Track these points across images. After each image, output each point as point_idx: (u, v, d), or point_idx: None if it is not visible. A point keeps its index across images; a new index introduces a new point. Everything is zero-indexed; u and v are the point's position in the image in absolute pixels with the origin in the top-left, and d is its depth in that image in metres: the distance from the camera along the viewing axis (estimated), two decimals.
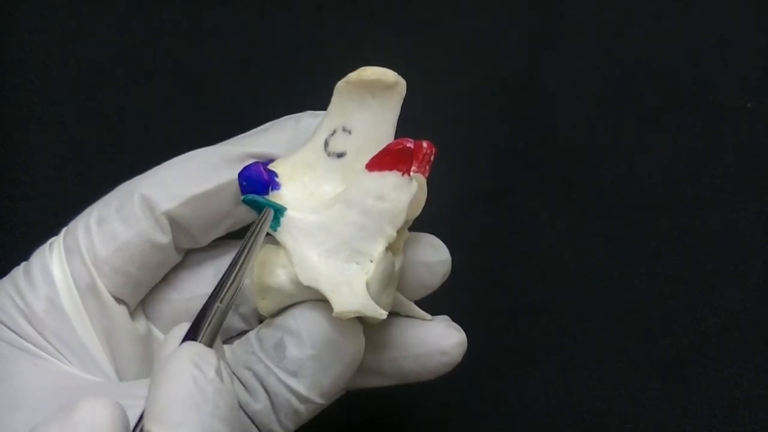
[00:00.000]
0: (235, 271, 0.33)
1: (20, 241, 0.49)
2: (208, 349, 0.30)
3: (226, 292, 0.32)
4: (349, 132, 0.36)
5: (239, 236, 0.38)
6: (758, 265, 0.50)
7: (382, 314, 0.33)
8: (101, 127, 0.53)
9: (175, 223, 0.36)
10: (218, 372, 0.30)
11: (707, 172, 0.53)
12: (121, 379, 0.36)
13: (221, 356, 0.32)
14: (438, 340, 0.36)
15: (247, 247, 0.33)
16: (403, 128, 0.36)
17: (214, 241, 0.38)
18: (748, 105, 0.54)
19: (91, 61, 0.55)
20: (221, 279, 0.33)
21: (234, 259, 0.33)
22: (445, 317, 0.38)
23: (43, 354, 0.34)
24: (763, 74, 0.55)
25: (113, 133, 0.53)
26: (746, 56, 0.56)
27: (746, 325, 0.48)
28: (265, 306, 0.34)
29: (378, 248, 0.34)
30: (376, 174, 0.34)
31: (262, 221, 0.34)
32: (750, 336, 0.48)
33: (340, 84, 0.35)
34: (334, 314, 0.32)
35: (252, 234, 0.34)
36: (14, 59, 0.54)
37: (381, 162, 0.34)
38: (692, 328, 0.48)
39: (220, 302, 0.32)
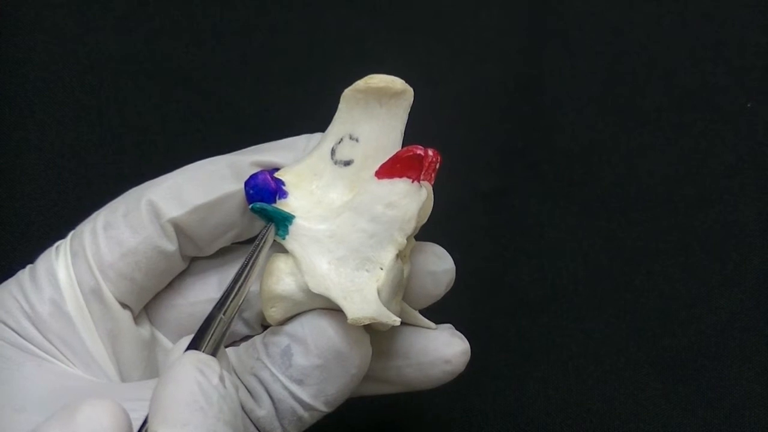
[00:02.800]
0: (239, 284, 0.33)
1: (20, 242, 0.49)
2: (211, 358, 0.30)
3: (230, 303, 0.32)
4: (356, 140, 0.35)
5: (245, 243, 0.38)
6: (758, 265, 0.50)
7: (396, 321, 0.33)
8: (101, 127, 0.53)
9: (180, 231, 0.36)
10: (222, 379, 0.30)
11: (707, 172, 0.53)
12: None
13: (225, 366, 0.32)
14: (441, 349, 0.36)
15: (252, 259, 0.33)
16: (405, 128, 0.36)
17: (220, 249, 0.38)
18: (748, 105, 0.54)
19: (91, 61, 0.55)
20: (225, 290, 0.33)
21: (238, 271, 0.33)
22: (449, 326, 0.38)
23: (47, 356, 0.34)
24: (763, 74, 0.55)
25: (113, 133, 0.53)
26: (746, 56, 0.56)
27: (746, 325, 0.48)
28: (274, 314, 0.34)
29: (388, 256, 0.34)
30: (385, 181, 0.34)
31: (265, 235, 0.34)
32: (750, 336, 0.48)
33: (347, 92, 0.35)
34: (349, 321, 0.32)
35: (257, 247, 0.34)
36: (14, 59, 0.54)
37: (390, 169, 0.34)
38: (692, 328, 0.48)
39: (224, 314, 0.32)
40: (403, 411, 0.46)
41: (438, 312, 0.38)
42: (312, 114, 0.37)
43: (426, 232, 0.37)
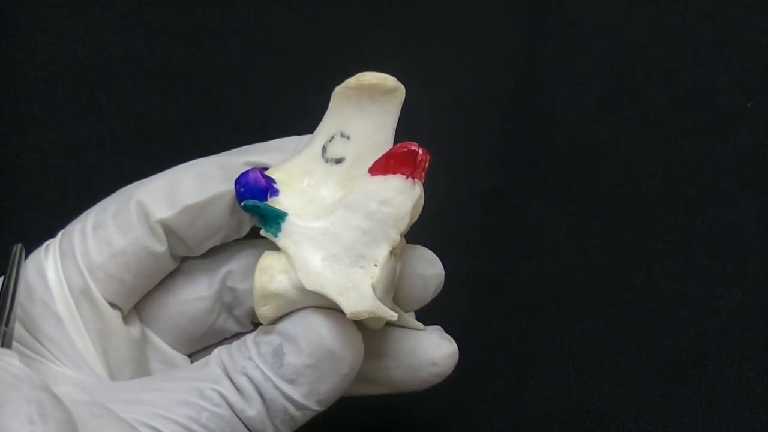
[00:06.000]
0: (10, 298, 0.33)
1: (20, 242, 0.49)
2: (5, 349, 0.31)
3: (10, 315, 0.32)
4: (348, 138, 0.35)
5: (236, 242, 0.38)
6: (758, 265, 0.50)
7: (393, 315, 0.33)
8: (101, 127, 0.53)
9: (170, 231, 0.35)
10: (23, 361, 0.30)
11: (707, 172, 0.53)
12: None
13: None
14: (429, 351, 0.36)
15: (15, 275, 0.33)
16: (403, 128, 0.36)
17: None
18: (748, 105, 0.54)
19: (91, 61, 0.55)
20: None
21: (3, 286, 0.33)
22: (438, 327, 0.37)
23: (37, 356, 0.34)
24: (763, 74, 0.55)
25: (113, 133, 0.53)
26: (746, 56, 0.56)
27: (746, 325, 0.48)
28: (266, 313, 0.34)
29: (382, 252, 0.34)
30: (379, 178, 0.34)
31: (16, 255, 0.34)
32: (750, 336, 0.48)
33: (338, 89, 0.35)
34: (348, 315, 0.32)
35: (13, 263, 0.34)
36: (14, 59, 0.54)
37: (384, 166, 0.34)
38: (692, 328, 0.48)
39: (6, 325, 0.32)
40: (402, 411, 0.46)
41: (438, 312, 0.38)
42: (312, 114, 0.37)
43: (426, 232, 0.37)
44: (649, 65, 0.56)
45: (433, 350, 0.36)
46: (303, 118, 0.38)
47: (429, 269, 0.37)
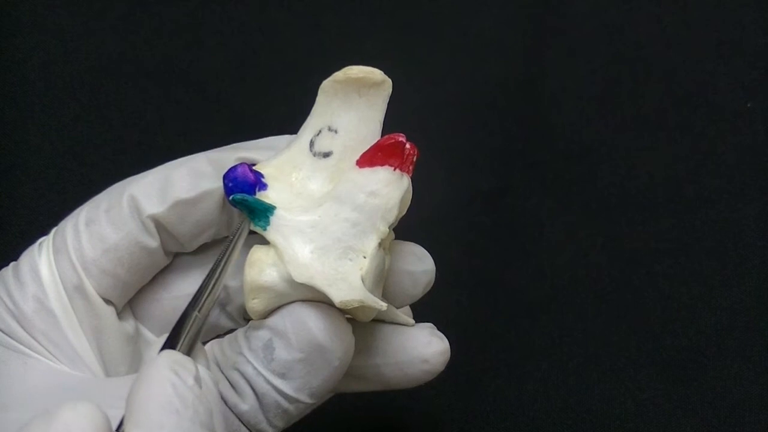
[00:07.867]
0: (213, 281, 0.33)
1: (20, 241, 0.49)
2: (186, 358, 0.30)
3: (205, 300, 0.32)
4: (335, 131, 0.35)
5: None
6: (758, 265, 0.50)
7: (383, 305, 0.33)
8: (101, 127, 0.53)
9: (161, 227, 0.36)
10: (197, 379, 0.30)
11: (707, 172, 0.53)
12: None
13: (203, 362, 0.32)
14: (420, 348, 0.36)
15: (226, 256, 0.33)
16: (404, 128, 0.35)
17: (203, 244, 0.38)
18: (748, 105, 0.54)
19: (91, 61, 0.55)
20: (199, 288, 0.33)
21: (212, 267, 0.33)
22: (430, 325, 0.37)
23: (33, 353, 0.34)
24: (763, 74, 0.55)
25: (113, 133, 0.53)
26: (746, 56, 0.56)
27: (746, 325, 0.48)
28: (256, 306, 0.34)
29: (371, 244, 0.34)
30: (367, 170, 0.34)
31: (239, 231, 0.34)
32: (750, 336, 0.48)
33: (326, 83, 0.35)
34: (337, 304, 0.32)
35: (230, 243, 0.34)
36: (14, 59, 0.54)
37: (372, 157, 0.34)
38: (692, 328, 0.48)
39: (198, 311, 0.32)
40: (402, 411, 0.46)
41: (437, 311, 0.38)
42: None
43: (426, 232, 0.37)
44: (649, 65, 0.56)
45: (424, 347, 0.36)
46: (303, 118, 0.38)
47: (418, 266, 0.36)
